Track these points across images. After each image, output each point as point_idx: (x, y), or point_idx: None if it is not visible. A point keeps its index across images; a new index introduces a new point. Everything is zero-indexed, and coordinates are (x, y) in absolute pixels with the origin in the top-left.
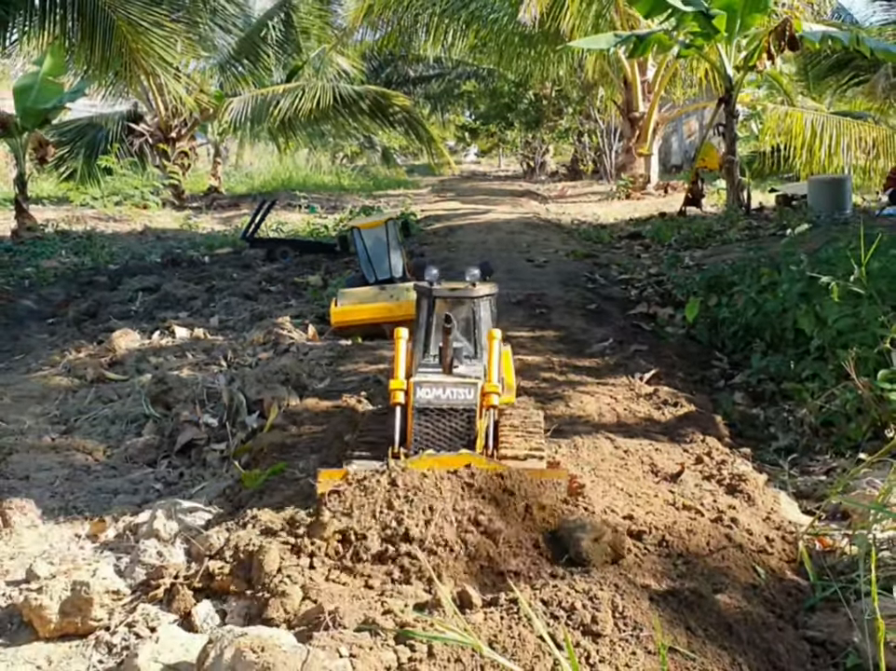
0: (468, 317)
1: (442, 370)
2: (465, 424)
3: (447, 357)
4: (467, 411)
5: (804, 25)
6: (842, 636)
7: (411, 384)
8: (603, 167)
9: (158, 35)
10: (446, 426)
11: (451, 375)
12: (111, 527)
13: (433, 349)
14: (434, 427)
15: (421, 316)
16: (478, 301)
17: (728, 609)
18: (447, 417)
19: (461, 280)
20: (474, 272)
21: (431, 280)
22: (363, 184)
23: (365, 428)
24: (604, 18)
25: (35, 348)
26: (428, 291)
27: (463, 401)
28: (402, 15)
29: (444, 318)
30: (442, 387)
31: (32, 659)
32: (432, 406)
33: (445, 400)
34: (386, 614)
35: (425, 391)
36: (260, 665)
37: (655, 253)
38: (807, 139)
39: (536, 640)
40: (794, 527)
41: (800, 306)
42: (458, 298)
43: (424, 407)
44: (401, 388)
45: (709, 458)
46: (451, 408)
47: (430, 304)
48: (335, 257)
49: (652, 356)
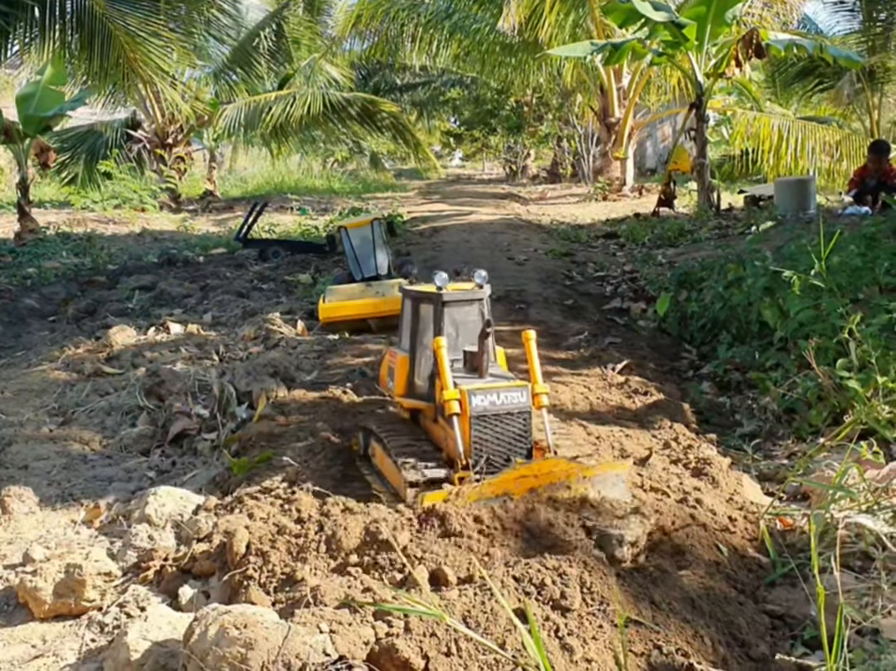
0: (476, 320)
1: (478, 375)
2: (522, 427)
3: (483, 362)
4: (522, 414)
5: (770, 34)
6: (800, 610)
7: (464, 392)
8: (581, 170)
9: (155, 45)
10: (504, 431)
11: (490, 378)
12: (105, 513)
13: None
14: (492, 433)
15: (425, 322)
16: (486, 302)
17: (692, 584)
18: (504, 421)
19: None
20: (481, 273)
21: (441, 286)
22: (353, 188)
23: (388, 430)
24: (581, 27)
25: (36, 344)
26: (438, 296)
27: (517, 404)
28: (389, 25)
29: (486, 323)
30: (496, 392)
31: (27, 638)
32: (489, 413)
33: (501, 405)
34: (365, 592)
35: (480, 399)
36: (242, 641)
37: (629, 252)
38: (774, 143)
39: (508, 615)
40: (756, 508)
41: (764, 299)
42: (469, 300)
43: (481, 414)
44: (456, 397)
45: (676, 443)
46: (507, 413)
47: (440, 309)
48: (325, 257)
49: (625, 348)
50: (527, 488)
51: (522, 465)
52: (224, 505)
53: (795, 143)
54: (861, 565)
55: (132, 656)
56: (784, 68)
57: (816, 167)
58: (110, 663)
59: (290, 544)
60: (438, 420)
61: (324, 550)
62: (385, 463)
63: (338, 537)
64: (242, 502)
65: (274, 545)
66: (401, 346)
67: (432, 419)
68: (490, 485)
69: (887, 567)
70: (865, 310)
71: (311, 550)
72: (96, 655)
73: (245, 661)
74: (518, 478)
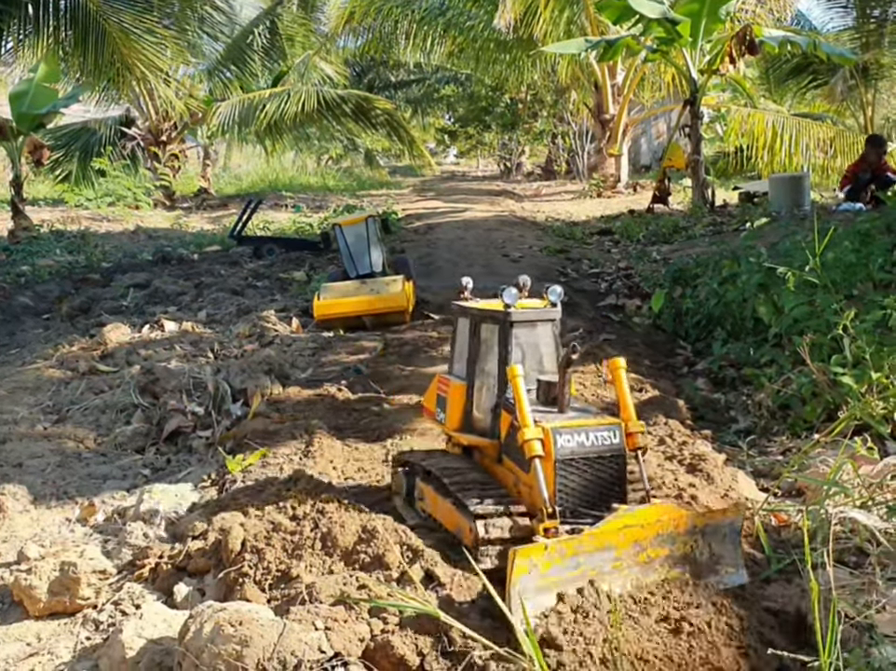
0: (550, 342)
1: (558, 409)
2: (615, 472)
3: (564, 394)
4: (615, 457)
5: (764, 31)
6: (795, 606)
7: (548, 431)
8: (575, 167)
9: (149, 42)
10: (594, 477)
11: (572, 412)
12: (100, 511)
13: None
14: (580, 479)
15: (487, 345)
16: (557, 322)
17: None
18: (595, 466)
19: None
20: (557, 289)
21: (510, 303)
22: (347, 185)
23: (444, 468)
24: (575, 24)
25: (31, 342)
26: (505, 315)
27: (610, 446)
28: (382, 22)
29: (571, 348)
30: (584, 432)
31: (22, 636)
32: (577, 456)
33: (591, 447)
34: (361, 589)
35: (566, 439)
36: (238, 639)
37: (624, 249)
38: (768, 139)
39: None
40: (751, 504)
41: (759, 296)
42: (541, 321)
43: (567, 458)
44: (538, 437)
45: (671, 439)
46: (598, 456)
47: (507, 330)
48: (319, 254)
49: (620, 345)
50: (632, 541)
51: (625, 513)
52: (220, 503)
53: (790, 139)
54: (856, 560)
55: (127, 654)
56: (778, 65)
57: (810, 163)
58: (105, 660)
59: (285, 542)
60: (503, 461)
61: (319, 547)
62: (439, 506)
63: (333, 534)
64: (237, 500)
65: (269, 543)
66: (455, 372)
67: (494, 459)
68: (591, 535)
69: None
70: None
71: (306, 547)
72: (91, 653)
73: (240, 658)
74: (622, 528)
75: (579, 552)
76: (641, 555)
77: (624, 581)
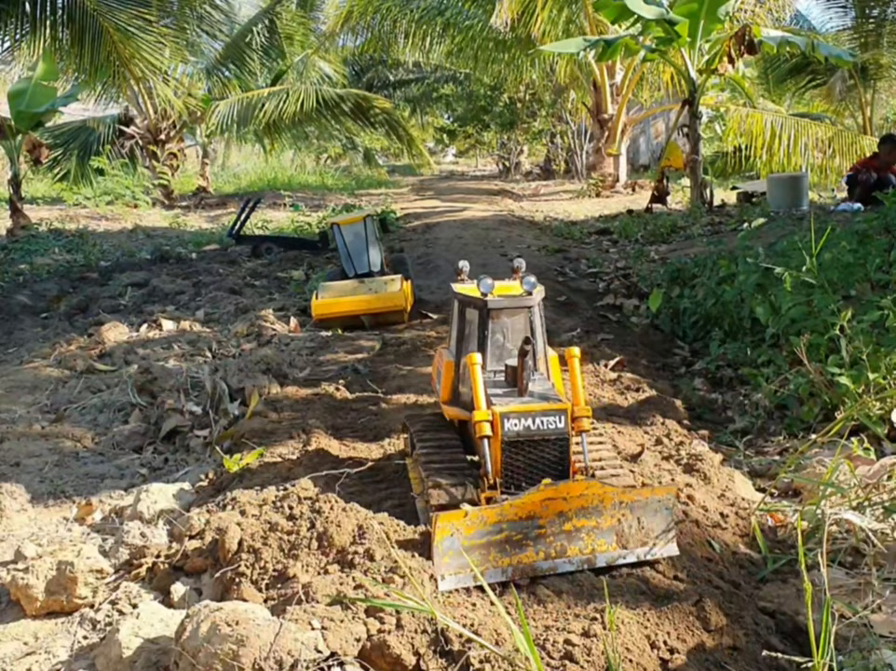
0: (524, 327)
1: (518, 393)
2: (558, 453)
3: (522, 379)
4: (559, 440)
5: (763, 31)
6: (791, 606)
7: (497, 414)
8: (574, 166)
9: (147, 41)
10: (538, 457)
11: (528, 396)
12: (98, 510)
13: (490, 365)
14: (525, 459)
15: (471, 327)
16: (535, 309)
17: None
18: (539, 447)
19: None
20: (530, 279)
21: (486, 292)
22: (346, 184)
23: (427, 439)
24: (573, 23)
25: (28, 341)
26: (483, 303)
27: (554, 430)
28: (381, 21)
29: (524, 340)
30: (531, 417)
31: (19, 636)
32: (522, 438)
33: (536, 430)
34: (357, 588)
35: (512, 423)
36: (234, 638)
37: (622, 248)
38: (767, 139)
39: (500, 613)
40: (748, 504)
41: (756, 295)
42: (515, 308)
43: (513, 440)
44: (487, 419)
45: (668, 439)
46: (542, 439)
47: (485, 317)
48: (317, 253)
49: (617, 344)
50: (556, 512)
51: (549, 486)
52: (217, 502)
53: (788, 139)
54: (851, 561)
55: (124, 653)
56: (777, 65)
57: (808, 163)
58: (102, 660)
59: (282, 541)
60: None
61: (316, 547)
62: (415, 471)
63: (330, 534)
64: (234, 499)
65: (266, 542)
66: (450, 348)
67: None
68: (512, 506)
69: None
70: (857, 307)
71: (303, 547)
72: (88, 652)
73: (237, 657)
74: (544, 500)
75: (502, 520)
76: (566, 525)
77: (548, 548)
